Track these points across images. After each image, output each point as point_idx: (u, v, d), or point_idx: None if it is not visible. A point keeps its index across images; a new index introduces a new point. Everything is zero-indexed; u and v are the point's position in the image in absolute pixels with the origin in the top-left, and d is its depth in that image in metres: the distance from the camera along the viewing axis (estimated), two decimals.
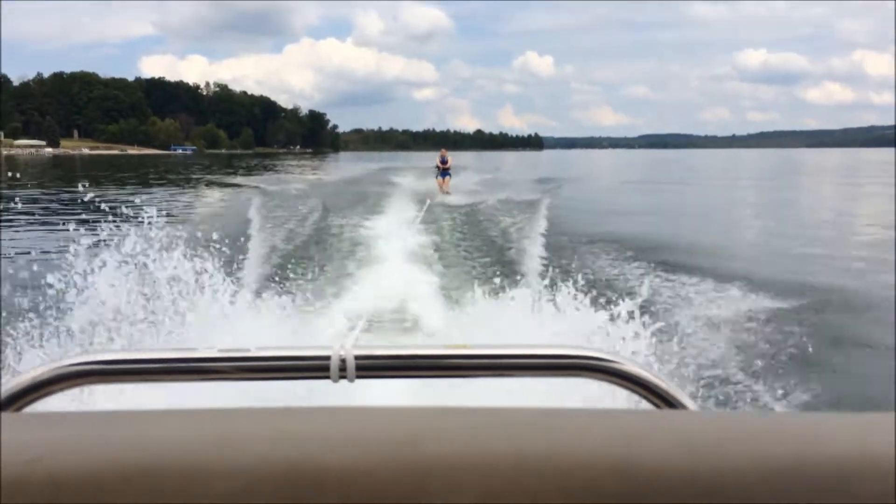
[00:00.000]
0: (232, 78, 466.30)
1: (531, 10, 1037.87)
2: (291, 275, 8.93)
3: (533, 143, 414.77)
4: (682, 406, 0.81)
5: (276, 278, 8.61)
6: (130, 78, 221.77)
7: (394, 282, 8.50)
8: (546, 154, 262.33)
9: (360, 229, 13.91)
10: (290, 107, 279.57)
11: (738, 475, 0.43)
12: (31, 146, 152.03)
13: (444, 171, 22.82)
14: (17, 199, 20.66)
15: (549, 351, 0.87)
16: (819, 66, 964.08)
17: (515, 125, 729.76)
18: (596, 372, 0.83)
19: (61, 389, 0.81)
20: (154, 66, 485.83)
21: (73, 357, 0.83)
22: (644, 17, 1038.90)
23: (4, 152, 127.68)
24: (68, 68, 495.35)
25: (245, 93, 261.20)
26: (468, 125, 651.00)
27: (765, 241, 14.71)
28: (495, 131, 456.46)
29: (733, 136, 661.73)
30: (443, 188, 22.22)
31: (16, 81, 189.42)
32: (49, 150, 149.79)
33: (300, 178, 38.99)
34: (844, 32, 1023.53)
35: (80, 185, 7.95)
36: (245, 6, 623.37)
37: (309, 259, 10.63)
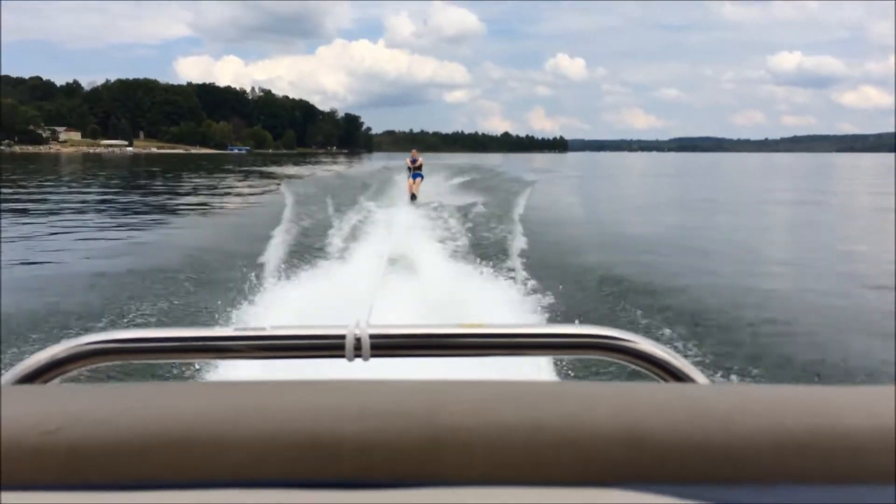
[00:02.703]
0: (266, 79, 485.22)
1: (562, 12, 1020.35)
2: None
3: (558, 145, 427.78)
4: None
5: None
6: (167, 79, 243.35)
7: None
8: (570, 156, 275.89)
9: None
10: (325, 109, 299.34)
11: (749, 447, 0.43)
12: (115, 146, 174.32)
13: (415, 173, 20.37)
14: None
15: (565, 330, 0.87)
16: (855, 70, 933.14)
17: (546, 127, 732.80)
18: (611, 351, 0.84)
19: (78, 367, 0.81)
20: (190, 68, 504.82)
21: (91, 335, 0.83)
22: (676, 19, 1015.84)
23: (91, 151, 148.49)
24: (105, 68, 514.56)
25: (287, 97, 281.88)
26: (499, 127, 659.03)
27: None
28: (526, 133, 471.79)
29: (766, 139, 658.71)
30: (412, 190, 19.81)
31: (86, 87, 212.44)
32: (130, 149, 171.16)
33: (344, 169, 54.97)
34: (881, 35, 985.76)
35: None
36: (278, 8, 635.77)
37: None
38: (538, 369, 3.77)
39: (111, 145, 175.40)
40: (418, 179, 20.33)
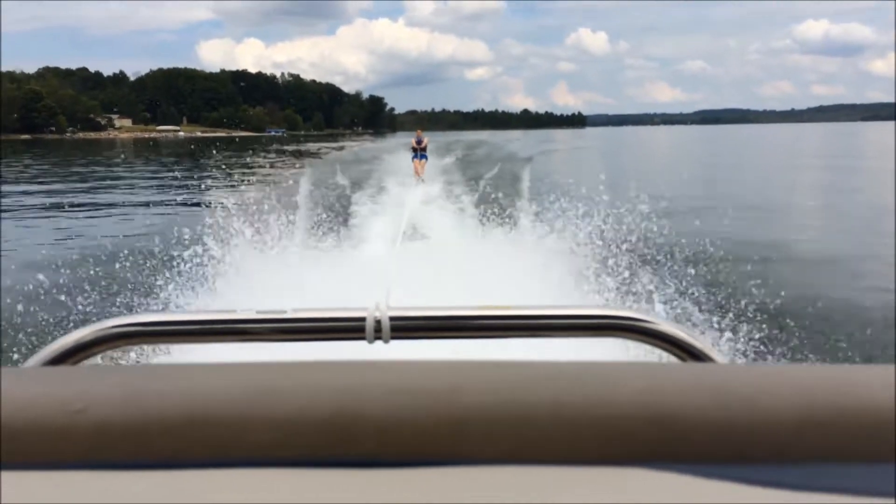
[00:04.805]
0: (287, 61, 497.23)
1: None
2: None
3: (577, 121, 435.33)
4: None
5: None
6: (190, 63, 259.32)
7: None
8: (588, 131, 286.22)
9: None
10: (347, 89, 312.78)
11: (771, 427, 0.44)
12: (169, 131, 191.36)
13: (420, 154, 19.81)
14: None
15: (585, 311, 0.87)
16: (884, 37, 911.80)
17: (570, 102, 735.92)
18: (632, 332, 0.84)
19: (103, 350, 0.83)
20: (212, 51, 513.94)
21: (115, 319, 0.84)
22: None
23: (146, 136, 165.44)
24: (130, 54, 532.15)
25: (314, 81, 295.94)
26: (522, 104, 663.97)
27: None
28: (549, 109, 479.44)
29: (792, 110, 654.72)
30: (418, 172, 19.32)
31: (132, 76, 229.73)
32: (181, 133, 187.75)
33: (377, 144, 64.39)
34: None
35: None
36: None
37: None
38: (559, 349, 1.70)
39: (164, 130, 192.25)
40: (423, 161, 19.90)
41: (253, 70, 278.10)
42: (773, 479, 0.42)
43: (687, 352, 0.82)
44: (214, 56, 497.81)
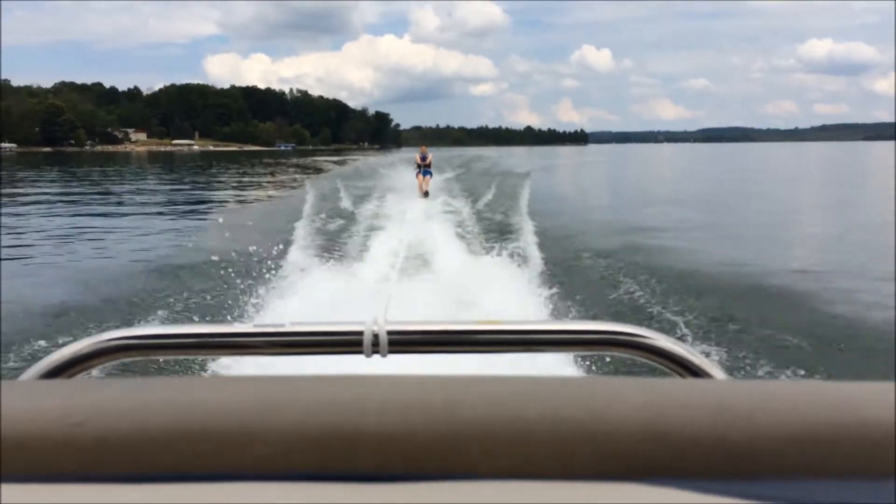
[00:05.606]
0: (293, 76, 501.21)
1: (587, 3, 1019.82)
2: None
3: (579, 138, 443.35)
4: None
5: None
6: (197, 78, 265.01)
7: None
8: (591, 147, 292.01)
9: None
10: (352, 104, 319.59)
11: (770, 443, 0.43)
12: (184, 145, 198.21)
13: (424, 170, 20.14)
14: None
15: (582, 326, 0.88)
16: (888, 56, 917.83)
17: (574, 119, 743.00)
18: (630, 348, 0.84)
19: (101, 363, 0.83)
20: (219, 66, 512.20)
21: (112, 332, 0.84)
22: (702, 7, 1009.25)
23: (161, 150, 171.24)
24: (138, 68, 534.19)
25: (322, 97, 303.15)
26: (526, 120, 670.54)
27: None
28: (553, 126, 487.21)
29: (795, 129, 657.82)
30: (422, 187, 19.65)
31: (145, 92, 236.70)
32: (196, 147, 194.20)
33: (380, 159, 68.27)
34: None
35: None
36: (304, 5, 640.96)
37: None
38: (557, 365, 3.83)
39: (179, 144, 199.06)
40: (428, 177, 20.46)
41: (261, 85, 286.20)
42: (771, 494, 0.42)
43: (685, 367, 0.82)
44: (221, 71, 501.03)
